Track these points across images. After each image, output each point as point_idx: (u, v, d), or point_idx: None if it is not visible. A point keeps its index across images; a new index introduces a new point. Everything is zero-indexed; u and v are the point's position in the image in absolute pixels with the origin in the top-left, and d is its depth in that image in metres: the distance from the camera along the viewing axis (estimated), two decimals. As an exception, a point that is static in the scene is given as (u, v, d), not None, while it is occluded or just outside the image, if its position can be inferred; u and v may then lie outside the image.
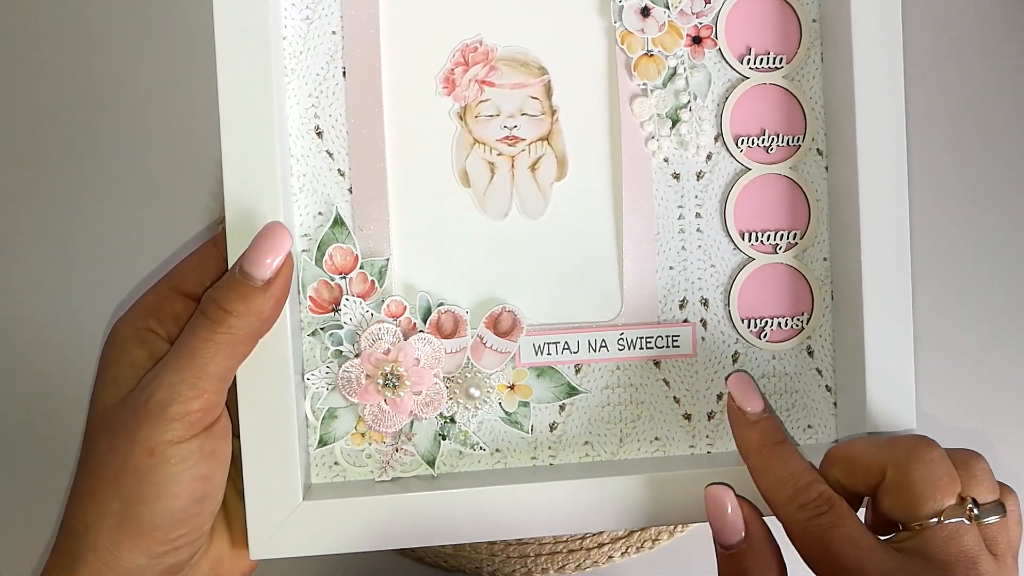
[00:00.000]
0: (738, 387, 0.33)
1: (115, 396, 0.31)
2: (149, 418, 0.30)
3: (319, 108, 0.35)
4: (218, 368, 0.30)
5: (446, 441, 0.35)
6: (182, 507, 0.30)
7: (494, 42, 0.35)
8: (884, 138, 0.34)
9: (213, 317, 0.30)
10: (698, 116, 0.35)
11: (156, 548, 0.30)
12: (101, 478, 0.30)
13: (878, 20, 0.34)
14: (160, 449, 0.30)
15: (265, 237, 0.31)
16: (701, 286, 0.36)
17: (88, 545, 0.30)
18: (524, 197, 0.35)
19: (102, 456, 0.30)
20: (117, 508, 0.30)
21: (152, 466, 0.30)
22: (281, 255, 0.31)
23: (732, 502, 0.32)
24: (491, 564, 0.41)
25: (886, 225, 0.34)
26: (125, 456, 0.30)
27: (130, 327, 0.32)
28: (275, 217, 0.32)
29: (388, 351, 0.33)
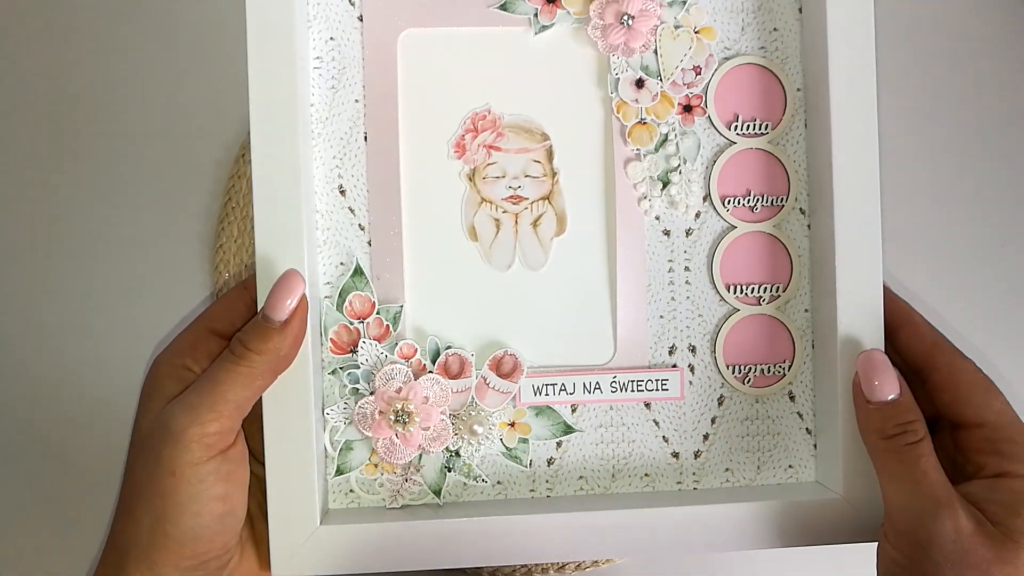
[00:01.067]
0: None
1: (148, 424, 0.34)
2: (171, 439, 0.32)
3: (343, 169, 0.38)
4: (235, 396, 0.33)
5: (451, 473, 0.38)
6: (204, 524, 0.33)
7: (501, 111, 0.38)
8: (859, 199, 0.37)
9: (237, 353, 0.34)
10: (687, 178, 0.38)
11: (184, 563, 0.33)
12: (136, 498, 0.33)
13: (854, 90, 0.37)
14: (181, 470, 0.32)
15: (282, 283, 0.35)
16: (689, 334, 0.39)
17: (129, 560, 0.33)
18: (526, 251, 0.39)
19: (137, 478, 0.34)
20: (149, 525, 0.33)
21: (174, 486, 0.32)
22: (295, 297, 0.34)
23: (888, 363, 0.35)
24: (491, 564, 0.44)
25: (860, 279, 0.37)
26: (152, 477, 0.33)
27: (168, 364, 0.35)
28: (300, 267, 0.36)
29: (400, 390, 0.37)
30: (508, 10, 0.38)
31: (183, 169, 0.54)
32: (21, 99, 0.55)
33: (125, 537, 0.33)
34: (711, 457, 0.39)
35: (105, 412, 0.55)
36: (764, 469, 0.39)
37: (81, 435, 0.55)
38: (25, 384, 0.54)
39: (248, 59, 0.36)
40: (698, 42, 0.38)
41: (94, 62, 0.54)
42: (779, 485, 0.39)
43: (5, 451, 0.55)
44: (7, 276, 0.54)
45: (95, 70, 0.55)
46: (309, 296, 0.35)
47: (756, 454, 0.39)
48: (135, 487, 0.33)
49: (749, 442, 0.39)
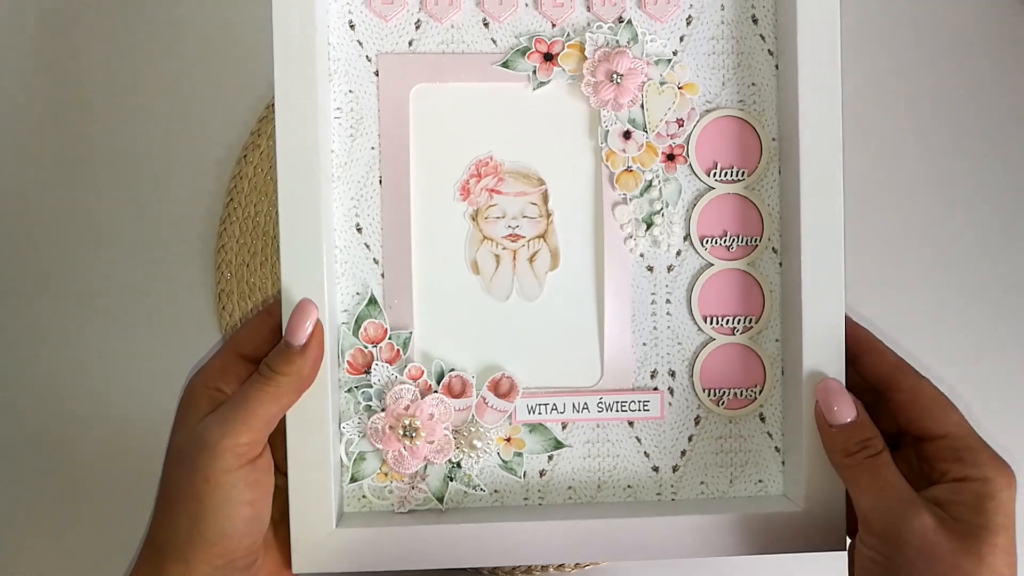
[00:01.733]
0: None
1: (184, 438, 0.38)
2: (207, 449, 0.36)
3: (359, 208, 0.42)
4: (264, 412, 0.37)
5: (453, 482, 0.42)
6: (234, 526, 0.36)
7: (502, 158, 0.42)
8: (824, 241, 0.40)
9: (265, 375, 0.38)
10: (669, 220, 0.42)
11: (216, 561, 0.36)
12: (174, 502, 0.37)
13: (822, 142, 0.40)
14: (215, 477, 0.36)
15: (297, 311, 0.39)
16: (669, 360, 0.43)
17: (167, 557, 0.36)
18: (523, 283, 0.43)
19: (174, 484, 0.37)
20: (185, 527, 0.36)
21: (209, 491, 0.36)
22: (311, 321, 0.39)
23: (844, 389, 0.39)
24: None
25: (824, 313, 0.40)
26: (189, 483, 0.36)
27: (202, 385, 0.39)
28: (320, 297, 0.40)
29: (408, 407, 0.41)
30: (509, 67, 0.42)
31: (185, 169, 0.55)
32: (25, 100, 0.55)
33: (163, 537, 0.37)
34: (688, 471, 0.43)
35: (105, 411, 0.56)
36: (736, 482, 0.43)
37: (81, 435, 0.56)
38: (25, 384, 0.55)
39: (276, 109, 0.40)
40: (681, 97, 0.42)
41: (96, 62, 0.55)
42: (749, 497, 0.43)
43: (5, 451, 0.55)
44: (7, 276, 0.54)
45: (97, 70, 0.55)
46: (328, 323, 0.40)
47: (729, 469, 0.43)
48: (172, 492, 0.37)
49: (723, 458, 0.43)
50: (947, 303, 0.56)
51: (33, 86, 0.55)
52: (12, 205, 0.55)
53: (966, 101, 0.55)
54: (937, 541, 0.35)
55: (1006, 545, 0.34)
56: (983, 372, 0.56)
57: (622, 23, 0.42)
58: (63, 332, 0.55)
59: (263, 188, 0.56)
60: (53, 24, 0.56)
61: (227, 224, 0.55)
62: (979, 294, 0.56)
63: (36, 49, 0.56)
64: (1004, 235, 0.56)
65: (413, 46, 0.42)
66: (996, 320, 0.56)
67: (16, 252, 0.55)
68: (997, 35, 0.56)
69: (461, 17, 0.42)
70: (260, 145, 0.56)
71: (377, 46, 0.42)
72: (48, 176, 0.55)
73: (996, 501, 0.35)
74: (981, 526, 0.34)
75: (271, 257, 0.56)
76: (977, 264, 0.56)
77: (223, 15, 0.56)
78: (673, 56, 0.42)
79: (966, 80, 0.55)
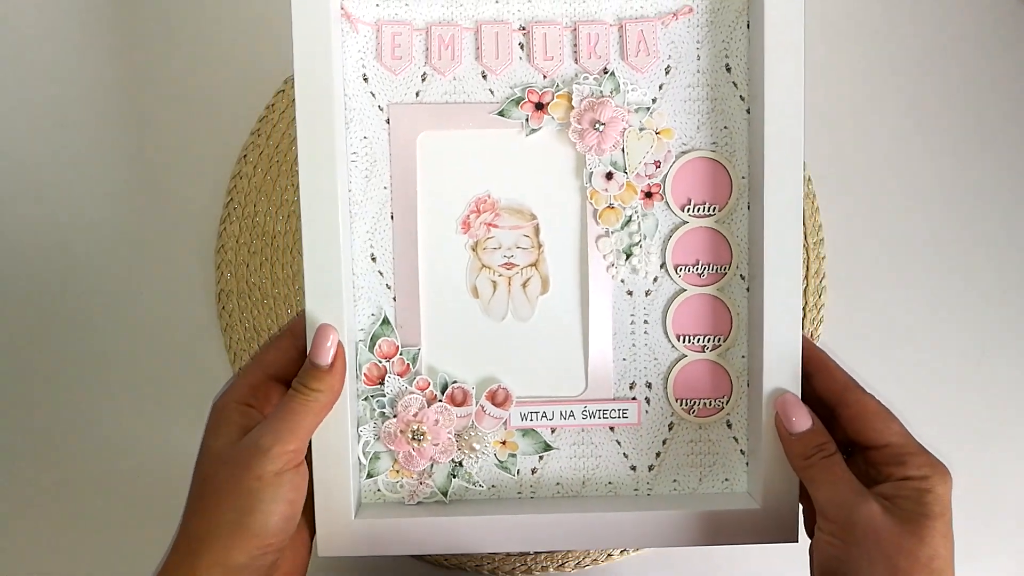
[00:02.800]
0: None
1: (224, 444, 0.42)
2: (259, 453, 0.41)
3: (374, 241, 0.48)
4: (307, 423, 0.43)
5: (456, 479, 0.48)
6: (275, 521, 0.41)
7: (498, 196, 0.48)
8: (784, 270, 0.45)
9: (303, 392, 0.43)
10: (647, 251, 0.48)
11: (254, 551, 0.40)
12: (219, 498, 0.40)
13: (784, 182, 0.45)
14: (265, 477, 0.41)
15: (320, 335, 0.44)
16: (646, 373, 0.49)
17: (206, 547, 0.40)
18: (517, 306, 0.48)
19: (221, 483, 0.41)
20: (231, 519, 0.40)
21: (258, 489, 0.40)
22: (333, 343, 0.44)
23: (799, 401, 0.45)
24: (491, 562, 0.54)
25: (783, 334, 0.45)
26: (239, 481, 0.40)
27: (233, 402, 0.43)
28: (340, 318, 0.45)
29: (416, 414, 0.47)
30: (505, 116, 0.47)
31: (185, 169, 0.55)
32: (25, 100, 0.55)
33: (202, 529, 0.40)
34: (662, 471, 0.49)
35: (104, 411, 0.56)
36: (705, 481, 0.49)
37: (81, 434, 0.56)
38: (24, 384, 0.55)
39: (299, 153, 0.45)
40: (658, 141, 0.47)
41: (96, 62, 0.55)
42: (717, 494, 0.49)
43: (5, 451, 0.55)
44: (8, 274, 0.55)
45: (97, 70, 0.55)
46: (347, 340, 0.46)
47: (699, 469, 0.49)
48: (217, 490, 0.41)
49: (693, 459, 0.49)
50: (947, 302, 0.58)
51: (33, 87, 0.55)
52: (12, 204, 0.55)
53: (966, 101, 0.56)
54: (884, 524, 0.41)
55: (943, 529, 0.40)
56: (983, 371, 0.59)
57: (606, 74, 0.47)
58: (62, 331, 0.55)
59: (263, 188, 0.58)
60: (53, 24, 0.55)
61: (227, 224, 0.56)
62: (980, 293, 0.58)
63: (36, 49, 0.55)
64: (1004, 234, 0.57)
65: (420, 97, 0.47)
66: (997, 319, 0.58)
67: (15, 252, 0.55)
68: (997, 35, 0.56)
69: (462, 70, 0.47)
70: (260, 145, 0.58)
71: (388, 97, 0.47)
72: (48, 176, 0.55)
73: (934, 494, 0.40)
74: (921, 514, 0.40)
75: (271, 257, 0.58)
76: (978, 263, 0.58)
77: (223, 15, 0.57)
78: (652, 104, 0.47)
79: (966, 80, 0.56)
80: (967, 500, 0.57)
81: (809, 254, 0.60)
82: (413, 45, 0.47)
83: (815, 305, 0.61)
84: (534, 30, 0.46)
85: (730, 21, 0.47)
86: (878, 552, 0.40)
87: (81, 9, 0.55)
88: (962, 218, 0.57)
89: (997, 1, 0.55)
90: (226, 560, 0.40)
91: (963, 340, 0.59)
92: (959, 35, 0.55)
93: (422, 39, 0.47)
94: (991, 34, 0.55)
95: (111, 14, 0.55)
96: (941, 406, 0.59)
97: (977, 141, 0.56)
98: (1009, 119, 0.55)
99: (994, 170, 0.56)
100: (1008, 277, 0.57)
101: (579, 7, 0.47)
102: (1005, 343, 0.58)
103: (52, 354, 0.55)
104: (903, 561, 0.39)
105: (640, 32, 0.46)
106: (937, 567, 0.40)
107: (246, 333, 0.59)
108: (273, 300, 0.59)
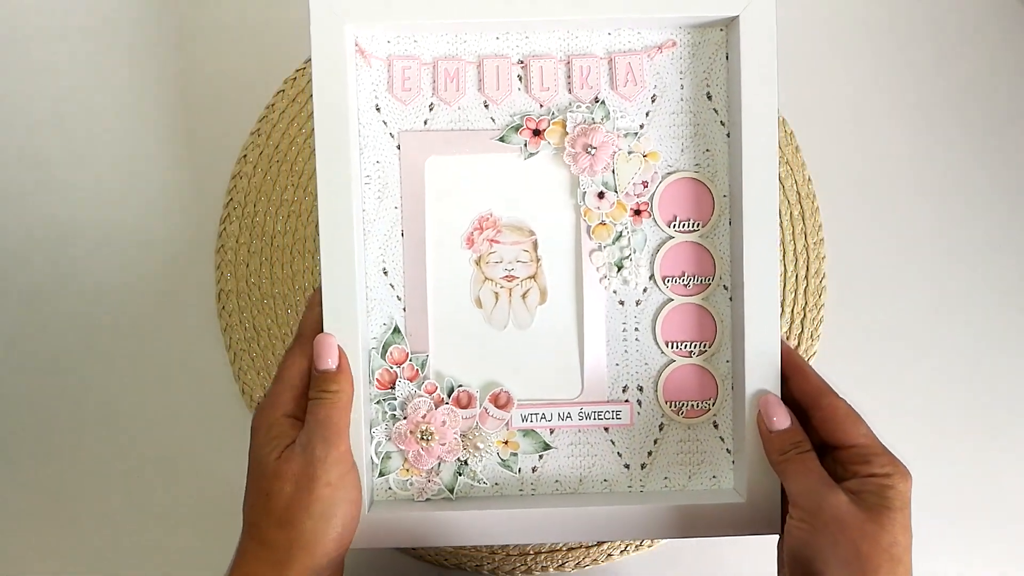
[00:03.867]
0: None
1: (275, 452, 0.45)
2: (322, 463, 0.44)
3: (385, 256, 0.52)
4: (342, 423, 0.46)
5: (461, 477, 0.52)
6: (347, 521, 0.45)
7: (500, 214, 0.52)
8: (763, 281, 0.49)
9: (324, 397, 0.46)
10: (636, 264, 0.52)
11: (332, 553, 0.44)
12: (294, 510, 0.43)
13: (762, 200, 0.49)
14: (333, 483, 0.44)
15: (319, 345, 0.47)
16: (638, 377, 0.52)
17: (293, 555, 0.43)
18: (517, 315, 0.52)
19: (293, 496, 0.44)
20: (310, 527, 0.43)
21: (330, 495, 0.44)
22: (332, 347, 0.47)
23: (780, 402, 0.48)
24: (491, 562, 0.57)
25: (763, 340, 0.49)
26: (311, 492, 0.44)
27: (281, 415, 0.46)
28: (354, 327, 0.48)
29: (425, 416, 0.51)
30: (505, 142, 0.51)
31: (184, 168, 0.54)
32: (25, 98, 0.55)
33: (288, 540, 0.43)
34: (654, 468, 0.53)
35: (105, 410, 0.56)
36: (694, 478, 0.53)
37: (82, 435, 0.56)
38: (24, 382, 0.55)
39: (318, 177, 0.49)
40: (645, 163, 0.51)
41: (96, 60, 0.55)
42: (705, 491, 0.52)
43: (5, 450, 0.55)
44: (9, 273, 0.54)
45: (97, 69, 0.55)
46: (360, 348, 0.49)
47: (688, 467, 0.52)
48: (290, 504, 0.44)
49: (683, 458, 0.52)
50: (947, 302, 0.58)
51: (33, 84, 0.55)
52: (12, 203, 0.55)
53: (966, 101, 0.56)
54: (849, 512, 0.44)
55: (903, 522, 0.44)
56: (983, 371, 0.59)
57: (597, 103, 0.51)
58: (61, 330, 0.55)
59: (263, 188, 0.57)
60: (53, 22, 0.55)
61: (227, 224, 0.56)
62: (980, 293, 0.58)
63: (36, 47, 0.55)
64: (1004, 234, 0.57)
65: (428, 125, 0.52)
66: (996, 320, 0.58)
67: (15, 251, 0.54)
68: (997, 35, 0.56)
69: (466, 101, 0.51)
70: (260, 145, 0.58)
71: (398, 125, 0.52)
72: (48, 175, 0.55)
73: (895, 490, 0.44)
74: (883, 506, 0.44)
75: (270, 257, 0.58)
76: (977, 263, 0.58)
77: (224, 16, 0.57)
78: (640, 129, 0.51)
79: (966, 80, 0.56)
80: (967, 499, 0.59)
81: (809, 254, 0.61)
82: (421, 78, 0.51)
83: (815, 305, 0.61)
84: (531, 63, 0.51)
85: (710, 54, 0.51)
86: (843, 536, 0.43)
87: (81, 9, 0.55)
88: (962, 218, 0.57)
89: (997, 1, 0.55)
90: (313, 563, 0.43)
91: (962, 340, 0.59)
92: (959, 35, 0.55)
93: (429, 72, 0.51)
94: (991, 34, 0.55)
95: (111, 15, 0.55)
96: (941, 406, 0.59)
97: (977, 141, 0.56)
98: (1009, 119, 0.55)
99: (994, 170, 0.56)
100: (1008, 277, 0.57)
101: (572, 42, 0.51)
102: (1005, 343, 0.58)
103: (51, 353, 0.55)
104: (865, 545, 0.43)
105: (628, 64, 0.51)
106: (896, 553, 0.43)
107: (245, 333, 0.59)
108: (273, 300, 0.59)
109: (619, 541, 0.59)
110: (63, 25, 0.55)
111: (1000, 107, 0.55)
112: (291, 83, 0.59)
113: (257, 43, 0.59)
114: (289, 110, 0.59)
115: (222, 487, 0.58)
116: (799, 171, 0.61)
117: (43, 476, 0.55)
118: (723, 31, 0.51)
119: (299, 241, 0.59)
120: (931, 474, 0.57)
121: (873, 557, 0.43)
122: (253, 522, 0.44)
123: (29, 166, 0.55)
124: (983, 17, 0.54)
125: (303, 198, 0.59)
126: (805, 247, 0.61)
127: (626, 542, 0.60)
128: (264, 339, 0.60)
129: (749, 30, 0.49)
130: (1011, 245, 0.56)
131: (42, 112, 0.55)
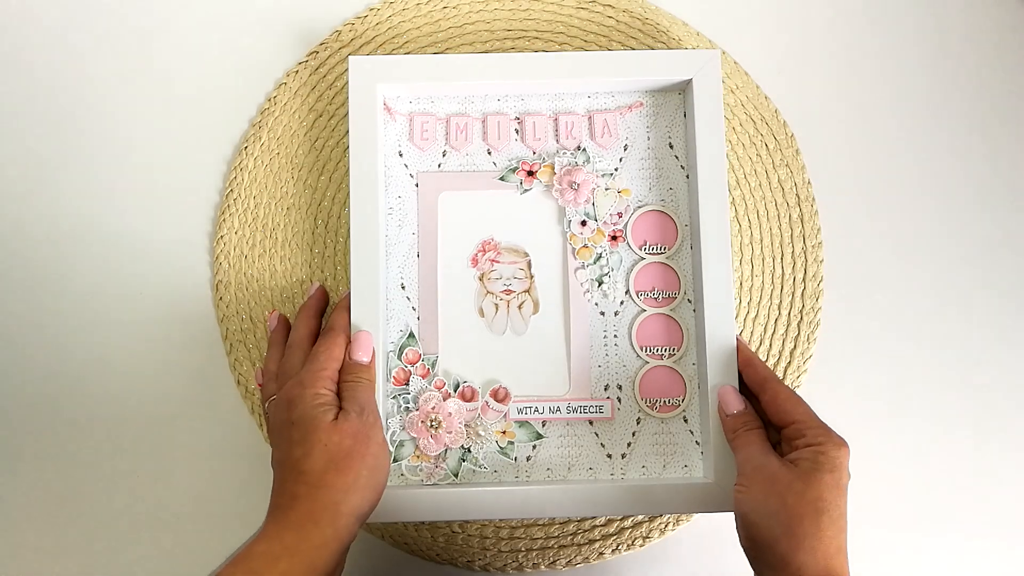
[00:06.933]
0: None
1: (329, 415, 0.50)
2: (374, 427, 0.51)
3: (403, 273, 0.62)
4: (374, 401, 0.53)
5: (465, 463, 0.59)
6: (387, 476, 0.51)
7: (500, 239, 0.62)
8: (719, 296, 0.58)
9: (359, 380, 0.54)
10: (614, 281, 0.61)
11: (374, 500, 0.49)
12: (352, 461, 0.48)
13: (715, 229, 0.58)
14: (383, 443, 0.51)
15: (362, 340, 0.55)
16: (617, 377, 0.61)
17: (348, 498, 0.48)
18: (514, 323, 0.62)
19: (352, 449, 0.48)
20: (365, 476, 0.49)
21: (380, 452, 0.50)
22: (370, 344, 0.55)
23: (736, 390, 0.55)
24: (483, 558, 0.62)
25: (721, 344, 0.58)
26: (367, 447, 0.49)
27: (315, 387, 0.51)
28: (377, 332, 0.58)
29: (434, 407, 0.59)
30: (505, 180, 0.62)
31: (185, 160, 0.54)
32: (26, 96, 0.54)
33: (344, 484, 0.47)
34: (633, 458, 0.60)
35: (105, 402, 0.54)
36: (668, 467, 0.60)
37: (83, 432, 0.56)
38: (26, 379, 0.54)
39: (351, 208, 0.59)
40: (620, 197, 0.62)
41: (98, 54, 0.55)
42: (678, 477, 0.60)
43: (6, 450, 0.54)
44: (9, 272, 0.53)
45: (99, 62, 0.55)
46: (381, 350, 0.58)
47: (663, 457, 0.60)
48: (350, 455, 0.48)
49: (658, 448, 0.60)
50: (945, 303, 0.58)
51: (34, 80, 0.55)
52: (12, 199, 0.54)
53: (966, 102, 0.54)
54: (780, 471, 0.51)
55: (831, 481, 0.49)
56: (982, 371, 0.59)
57: (580, 150, 0.62)
58: (62, 323, 0.54)
59: (263, 180, 0.56)
60: (54, 17, 0.55)
61: (226, 216, 0.56)
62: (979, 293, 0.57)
63: (37, 43, 0.54)
64: (1003, 235, 0.56)
65: (441, 167, 0.63)
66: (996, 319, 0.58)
67: (14, 245, 0.53)
68: (997, 35, 0.56)
69: (473, 148, 0.63)
70: (261, 137, 0.57)
71: (417, 167, 0.63)
72: (48, 168, 0.54)
73: (826, 456, 0.51)
74: (813, 468, 0.50)
75: (269, 249, 0.58)
76: (977, 264, 0.57)
77: (226, 7, 0.57)
78: (614, 171, 0.62)
79: (966, 81, 0.55)
80: (967, 499, 0.60)
81: (807, 257, 0.61)
82: (436, 130, 0.63)
83: (812, 308, 0.61)
84: (526, 119, 0.63)
85: (671, 112, 0.63)
86: (773, 491, 0.50)
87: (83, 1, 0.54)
88: (961, 221, 0.56)
89: (997, 1, 0.53)
90: (359, 510, 0.49)
91: (961, 342, 0.58)
92: (959, 35, 0.54)
93: (443, 126, 0.63)
94: (991, 34, 0.53)
95: (112, 6, 0.55)
96: (939, 408, 0.59)
97: (977, 141, 0.55)
98: (1009, 119, 0.54)
99: (994, 171, 0.55)
100: (1007, 277, 0.57)
101: (559, 103, 0.63)
102: (1004, 344, 0.57)
103: (50, 345, 0.54)
104: (791, 498, 0.49)
105: (604, 120, 0.62)
106: (820, 507, 0.48)
107: (242, 324, 0.59)
108: (270, 292, 0.59)
109: (602, 517, 0.65)
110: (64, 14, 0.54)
111: (1000, 108, 0.54)
112: (293, 75, 0.59)
113: (260, 33, 0.57)
114: (291, 102, 0.58)
115: (220, 481, 0.58)
116: (799, 174, 0.61)
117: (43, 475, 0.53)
118: (680, 95, 0.63)
119: (297, 234, 0.59)
120: (930, 474, 0.59)
121: (797, 508, 0.48)
122: (304, 469, 0.48)
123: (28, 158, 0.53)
124: (983, 18, 0.53)
125: (302, 191, 0.58)
126: (803, 250, 0.61)
127: (618, 542, 0.64)
128: (260, 331, 0.59)
129: (701, 90, 0.60)
130: (1010, 247, 0.54)
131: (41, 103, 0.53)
